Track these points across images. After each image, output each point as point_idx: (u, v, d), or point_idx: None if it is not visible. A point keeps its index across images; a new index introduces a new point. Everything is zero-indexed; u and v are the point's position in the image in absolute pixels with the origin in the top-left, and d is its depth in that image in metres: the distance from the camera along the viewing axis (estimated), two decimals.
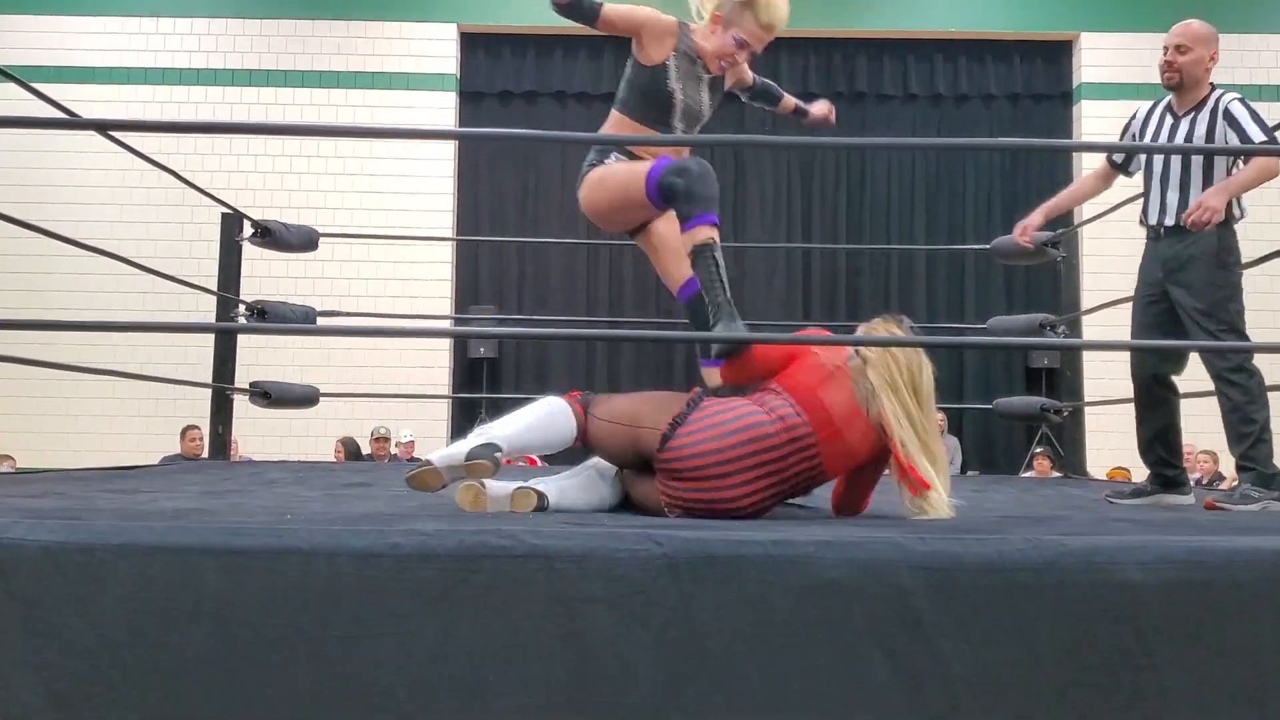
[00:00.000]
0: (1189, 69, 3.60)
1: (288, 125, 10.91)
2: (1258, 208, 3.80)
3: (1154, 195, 3.63)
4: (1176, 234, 3.53)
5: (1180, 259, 3.53)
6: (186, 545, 1.90)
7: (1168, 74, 3.63)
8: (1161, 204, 3.59)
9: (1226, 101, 3.55)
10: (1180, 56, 3.60)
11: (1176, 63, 3.60)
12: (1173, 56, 3.61)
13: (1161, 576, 1.94)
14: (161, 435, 9.62)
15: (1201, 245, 3.47)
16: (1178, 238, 3.53)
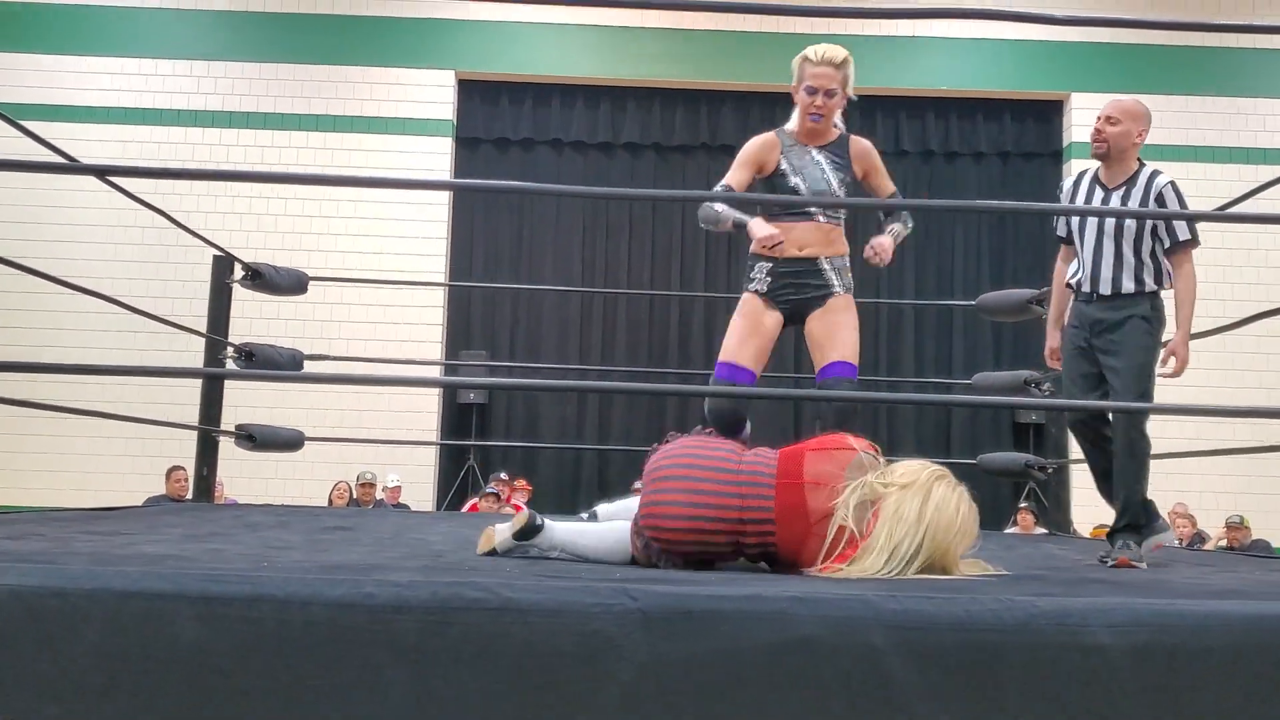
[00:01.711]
0: (1116, 140, 3.69)
1: (285, 174, 10.96)
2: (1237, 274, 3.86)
3: (1087, 266, 3.71)
4: (1108, 300, 3.65)
5: (1110, 321, 3.63)
6: (161, 591, 1.90)
7: (1096, 143, 3.73)
8: (1094, 276, 3.68)
9: (1160, 184, 3.65)
10: (1110, 127, 3.70)
11: (1105, 133, 3.70)
12: (1101, 126, 3.71)
13: (1132, 640, 1.95)
14: (147, 475, 9.60)
15: (1133, 309, 3.61)
16: (1110, 303, 3.64)
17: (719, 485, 2.65)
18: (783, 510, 2.60)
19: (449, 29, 11.49)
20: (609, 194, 3.14)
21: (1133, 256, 3.61)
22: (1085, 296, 3.73)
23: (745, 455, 2.73)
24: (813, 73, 3.63)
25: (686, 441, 2.80)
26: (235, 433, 5.48)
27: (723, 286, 11.57)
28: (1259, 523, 9.52)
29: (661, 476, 2.72)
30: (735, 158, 3.77)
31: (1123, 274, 3.61)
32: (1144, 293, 3.61)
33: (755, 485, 2.63)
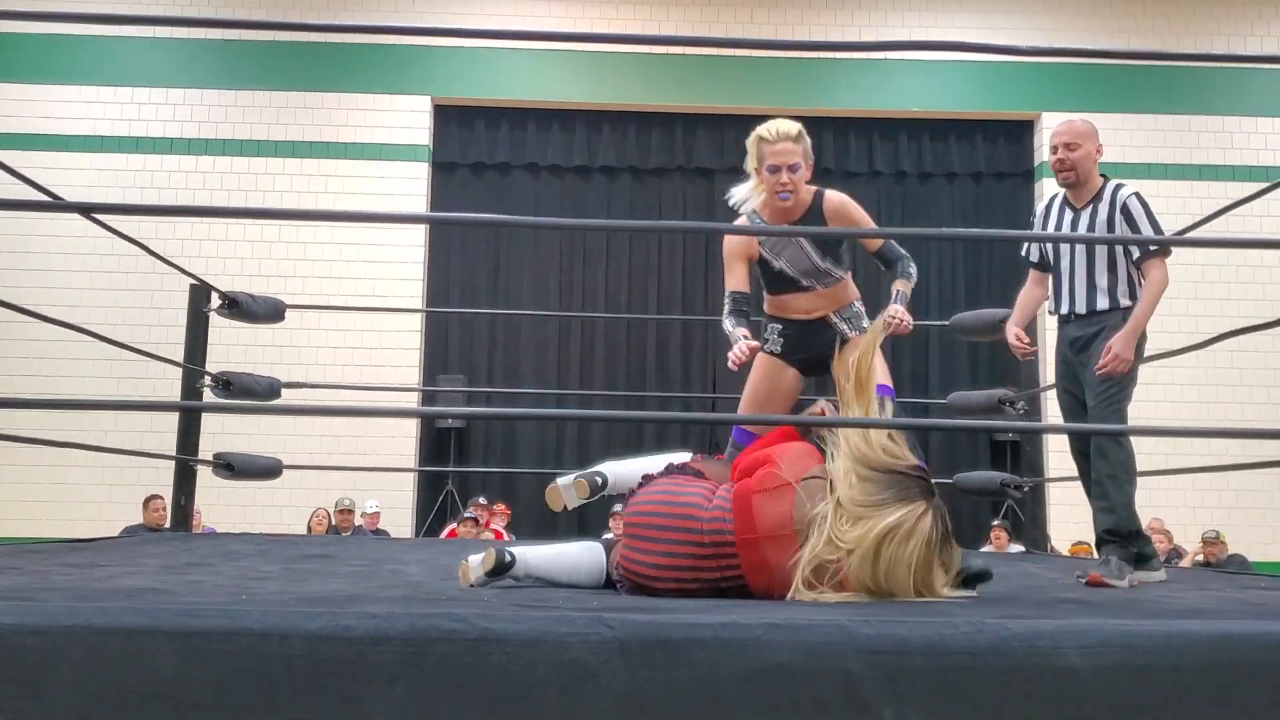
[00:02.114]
0: (1081, 164, 3.74)
1: (268, 210, 10.96)
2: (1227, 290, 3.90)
3: (1063, 287, 3.79)
4: (1085, 318, 3.73)
5: (1089, 335, 3.70)
6: (140, 627, 1.90)
7: (1063, 173, 3.77)
8: (1070, 295, 3.75)
9: (1124, 197, 3.71)
10: (1071, 154, 3.74)
11: (1068, 160, 3.74)
12: (1064, 155, 3.75)
13: (1101, 660, 1.97)
14: (124, 504, 9.56)
15: (1108, 323, 3.66)
16: (1087, 320, 3.72)
17: (689, 544, 2.65)
18: (748, 565, 2.61)
19: (425, 55, 11.53)
20: (585, 225, 3.16)
21: (1106, 273, 3.67)
22: (1065, 318, 3.81)
23: (712, 502, 2.70)
24: (772, 150, 3.55)
25: (659, 486, 2.80)
26: (213, 461, 5.47)
27: (700, 309, 11.63)
28: (1234, 537, 9.60)
29: (637, 526, 2.74)
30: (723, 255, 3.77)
31: (1096, 292, 3.69)
32: (1118, 307, 3.67)
33: (720, 545, 2.63)
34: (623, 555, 2.75)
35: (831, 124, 11.94)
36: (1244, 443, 10.28)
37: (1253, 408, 10.87)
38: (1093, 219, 3.73)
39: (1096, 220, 3.72)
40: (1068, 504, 7.39)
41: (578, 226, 3.15)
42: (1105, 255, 3.67)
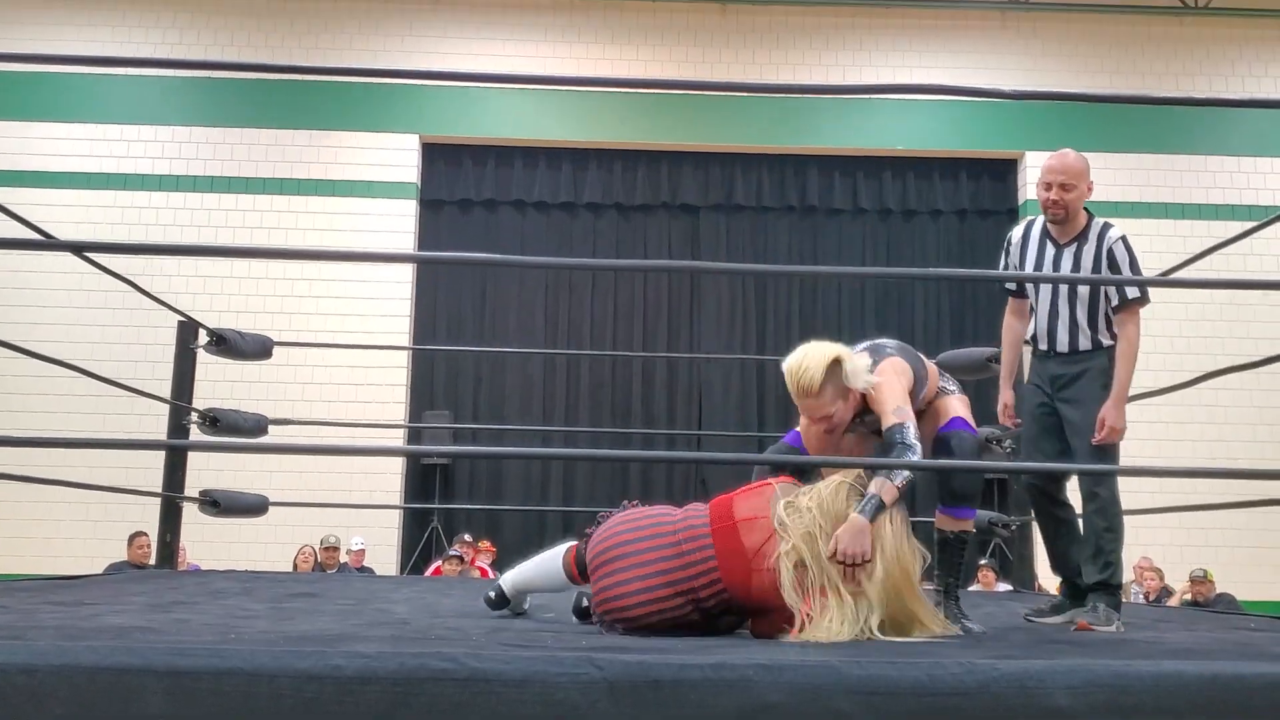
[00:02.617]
0: (1073, 204, 3.66)
1: (254, 249, 10.99)
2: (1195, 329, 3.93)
3: (1044, 323, 3.73)
4: (1066, 357, 3.67)
5: (1069, 376, 3.65)
6: (129, 666, 1.90)
7: (1054, 210, 3.67)
8: (1051, 333, 3.70)
9: (1111, 240, 3.64)
10: (1066, 194, 3.64)
11: (1063, 200, 3.64)
12: (1058, 195, 3.65)
13: (1090, 701, 1.98)
14: (108, 540, 9.49)
15: (1093, 368, 3.61)
16: (1069, 359, 3.67)
17: (660, 550, 2.72)
18: (723, 553, 2.68)
19: (412, 94, 11.59)
20: (571, 264, 3.17)
21: (1087, 314, 3.62)
22: (1043, 353, 3.75)
23: (681, 513, 2.81)
24: (801, 406, 3.14)
25: (620, 519, 2.85)
26: (199, 499, 5.45)
27: (685, 346, 11.66)
28: (1223, 576, 9.61)
29: (605, 560, 2.76)
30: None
31: (1079, 332, 3.63)
32: (1101, 348, 3.62)
33: (693, 539, 2.71)
34: (597, 591, 2.76)
35: (816, 161, 12.03)
36: (1232, 481, 10.30)
37: (1239, 445, 10.91)
38: (1077, 258, 3.65)
39: (1081, 260, 3.65)
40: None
41: (563, 265, 3.15)
42: (1088, 295, 3.62)
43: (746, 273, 3.08)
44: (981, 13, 12.02)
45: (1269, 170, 11.77)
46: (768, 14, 11.96)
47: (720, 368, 11.74)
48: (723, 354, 11.51)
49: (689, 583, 2.68)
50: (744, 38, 11.90)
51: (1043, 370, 3.74)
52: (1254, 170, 11.78)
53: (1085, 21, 12.02)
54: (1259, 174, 11.78)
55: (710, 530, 2.70)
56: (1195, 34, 12.01)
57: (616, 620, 2.71)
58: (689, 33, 11.87)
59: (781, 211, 12.10)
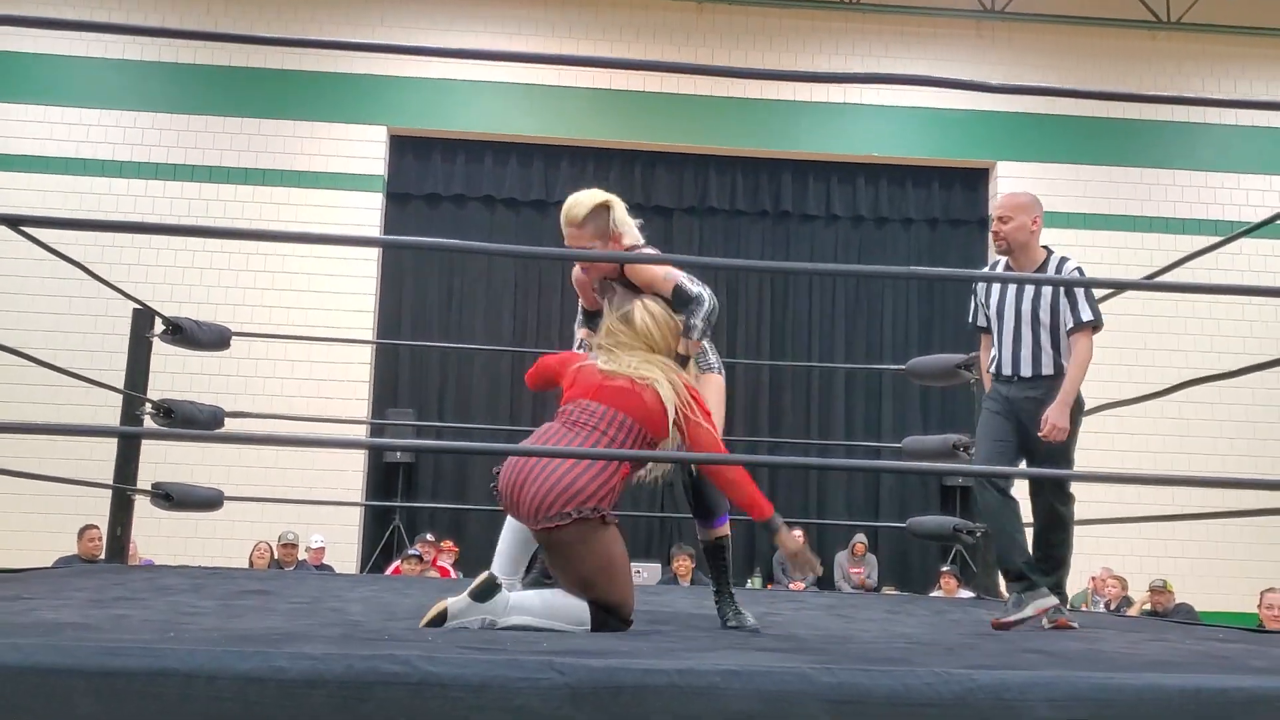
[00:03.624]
0: (1013, 235, 3.89)
1: (200, 228, 10.81)
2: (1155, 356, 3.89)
3: (1008, 350, 3.92)
4: (1029, 382, 3.87)
5: (1032, 401, 3.83)
6: (57, 666, 1.78)
7: (997, 241, 3.94)
8: (1015, 359, 3.89)
9: (1069, 271, 3.86)
10: (1003, 226, 3.91)
11: (1001, 231, 3.91)
12: (997, 227, 3.93)
13: (1071, 714, 1.90)
14: (59, 534, 9.28)
15: (1052, 390, 3.80)
16: (1031, 384, 3.87)
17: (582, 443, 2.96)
18: (637, 416, 3.03)
19: (381, 85, 11.45)
20: (539, 253, 3.09)
21: (1049, 339, 3.84)
22: (1006, 379, 3.93)
23: (567, 423, 3.05)
24: (566, 235, 3.44)
25: (518, 462, 2.97)
26: (152, 491, 5.30)
27: None
28: (1181, 587, 9.63)
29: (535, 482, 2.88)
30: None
31: (1041, 358, 3.84)
32: (1063, 371, 3.82)
33: (610, 421, 3.01)
34: (539, 506, 2.84)
35: (790, 166, 11.98)
36: (1190, 493, 10.34)
37: (1200, 458, 10.95)
38: (1038, 289, 3.85)
39: (1042, 291, 3.84)
40: None
41: (531, 255, 3.08)
42: (1049, 322, 3.83)
43: (719, 267, 3.02)
44: (958, 20, 12.02)
45: (1235, 185, 11.84)
46: (744, 14, 11.90)
47: None
48: None
49: (622, 443, 2.99)
50: (720, 37, 11.84)
51: (1004, 392, 3.93)
52: (1221, 185, 11.84)
53: (1059, 33, 12.04)
54: (1225, 189, 11.84)
55: (616, 409, 3.02)
56: (1167, 48, 12.07)
57: (567, 512, 2.81)
58: (665, 31, 11.79)
59: (755, 216, 12.04)
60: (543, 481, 2.84)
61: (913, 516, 6.58)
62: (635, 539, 11.30)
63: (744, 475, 2.97)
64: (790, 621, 3.56)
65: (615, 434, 2.99)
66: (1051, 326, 3.83)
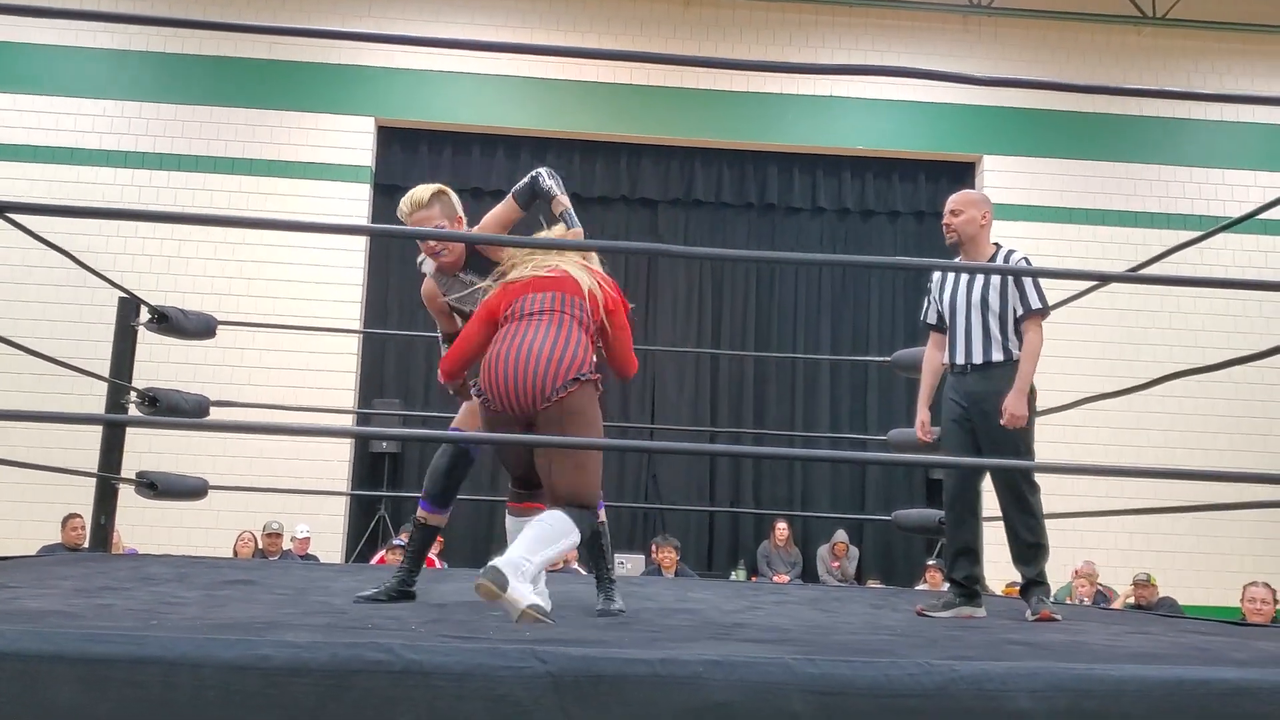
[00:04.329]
0: (963, 228, 4.07)
1: (184, 214, 10.77)
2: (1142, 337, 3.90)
3: (960, 341, 4.05)
4: (979, 370, 4.00)
5: (985, 393, 3.95)
6: (39, 653, 1.78)
7: (948, 234, 4.12)
8: (967, 347, 4.02)
9: (1015, 261, 4.04)
10: (954, 219, 4.09)
11: (952, 224, 4.09)
12: (948, 219, 4.11)
13: (1052, 705, 1.92)
14: (43, 522, 9.26)
15: (1005, 379, 3.91)
16: (982, 374, 3.99)
17: (549, 337, 3.14)
18: (576, 291, 3.28)
19: (370, 76, 11.41)
20: (524, 242, 3.11)
21: (999, 329, 3.96)
22: (960, 369, 4.05)
23: (527, 323, 3.20)
24: (410, 221, 3.52)
25: (494, 366, 3.16)
26: (136, 480, 5.29)
27: (640, 338, 11.57)
28: (1164, 580, 9.68)
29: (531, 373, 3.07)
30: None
31: (991, 345, 3.97)
32: (1012, 360, 3.94)
33: (567, 304, 3.24)
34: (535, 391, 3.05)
35: (776, 159, 11.98)
36: (1173, 487, 10.39)
37: (1183, 452, 11.00)
38: (986, 282, 3.99)
39: (991, 279, 3.98)
40: (1000, 543, 7.38)
41: (516, 243, 3.10)
42: (998, 311, 3.96)
43: (705, 257, 3.05)
44: (944, 15, 12.03)
45: (1219, 181, 11.88)
46: (731, 8, 11.89)
47: (674, 361, 11.67)
48: (678, 347, 11.44)
49: (583, 318, 3.25)
50: (706, 31, 11.83)
51: (960, 386, 4.06)
52: (1205, 180, 11.88)
53: (1045, 28, 12.07)
54: (1210, 184, 11.88)
55: (559, 291, 3.24)
56: (1153, 44, 12.10)
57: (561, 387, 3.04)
58: (652, 25, 11.78)
59: (741, 208, 12.04)
60: (541, 364, 3.05)
61: (898, 510, 6.60)
62: (618, 531, 11.32)
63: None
64: (773, 614, 3.57)
65: (573, 310, 3.22)
66: (1000, 314, 3.95)
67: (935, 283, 4.23)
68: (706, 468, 11.53)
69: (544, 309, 3.21)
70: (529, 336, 3.13)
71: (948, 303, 4.11)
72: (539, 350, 3.08)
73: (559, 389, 3.03)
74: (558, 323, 3.17)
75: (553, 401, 3.03)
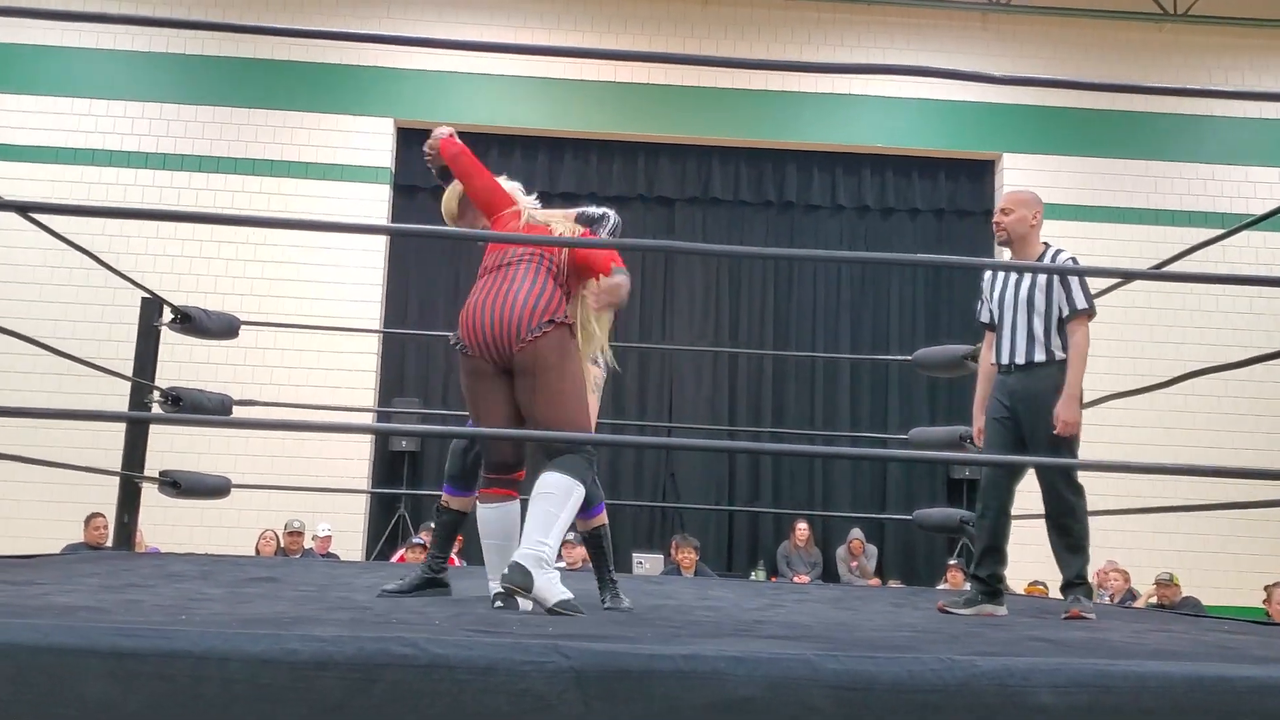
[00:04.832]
0: (1013, 227, 4.09)
1: (207, 214, 10.83)
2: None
3: (1005, 339, 4.06)
4: (1025, 370, 3.99)
5: (1031, 391, 3.97)
6: (71, 646, 1.80)
7: (998, 232, 4.15)
8: (1011, 347, 4.03)
9: (1063, 261, 4.03)
10: (1004, 217, 4.11)
11: (1003, 223, 4.11)
12: (999, 218, 4.13)
13: (1073, 700, 1.92)
14: (66, 522, 9.32)
15: (1047, 380, 3.93)
16: (1027, 373, 3.99)
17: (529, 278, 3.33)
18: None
19: (389, 77, 11.46)
20: (541, 241, 3.14)
21: (1042, 329, 3.96)
22: (1005, 369, 4.06)
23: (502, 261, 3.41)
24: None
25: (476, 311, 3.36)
26: (159, 479, 5.33)
27: (657, 336, 11.58)
28: (1188, 580, 9.63)
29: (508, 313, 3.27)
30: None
31: (1034, 346, 3.97)
32: (1054, 361, 3.94)
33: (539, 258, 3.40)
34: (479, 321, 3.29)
35: (795, 157, 11.97)
36: (1197, 486, 10.32)
37: (1206, 450, 10.95)
38: (1034, 282, 3.99)
39: (1038, 279, 3.98)
40: (1021, 543, 7.36)
41: (533, 241, 3.12)
42: (1043, 311, 3.97)
43: (720, 254, 3.06)
44: (962, 14, 12.00)
45: (1241, 178, 11.82)
46: (749, 6, 11.89)
47: (692, 360, 11.67)
48: (695, 345, 11.45)
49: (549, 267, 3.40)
50: (725, 30, 11.83)
51: (1004, 385, 4.07)
52: (1227, 178, 11.82)
53: (1065, 25, 12.02)
54: (1232, 181, 11.81)
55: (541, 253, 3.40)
56: (1173, 41, 12.04)
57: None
58: (670, 24, 11.79)
59: (759, 206, 12.04)
60: (516, 309, 3.25)
61: (919, 509, 6.59)
62: (637, 530, 11.33)
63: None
64: (794, 612, 3.58)
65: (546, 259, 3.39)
66: (1045, 314, 3.96)
67: (986, 282, 4.26)
68: (725, 467, 11.52)
69: (518, 258, 3.38)
70: (504, 284, 3.32)
71: (997, 301, 4.14)
72: (514, 296, 3.27)
73: (534, 330, 3.21)
74: (533, 271, 3.34)
75: (527, 343, 3.21)
